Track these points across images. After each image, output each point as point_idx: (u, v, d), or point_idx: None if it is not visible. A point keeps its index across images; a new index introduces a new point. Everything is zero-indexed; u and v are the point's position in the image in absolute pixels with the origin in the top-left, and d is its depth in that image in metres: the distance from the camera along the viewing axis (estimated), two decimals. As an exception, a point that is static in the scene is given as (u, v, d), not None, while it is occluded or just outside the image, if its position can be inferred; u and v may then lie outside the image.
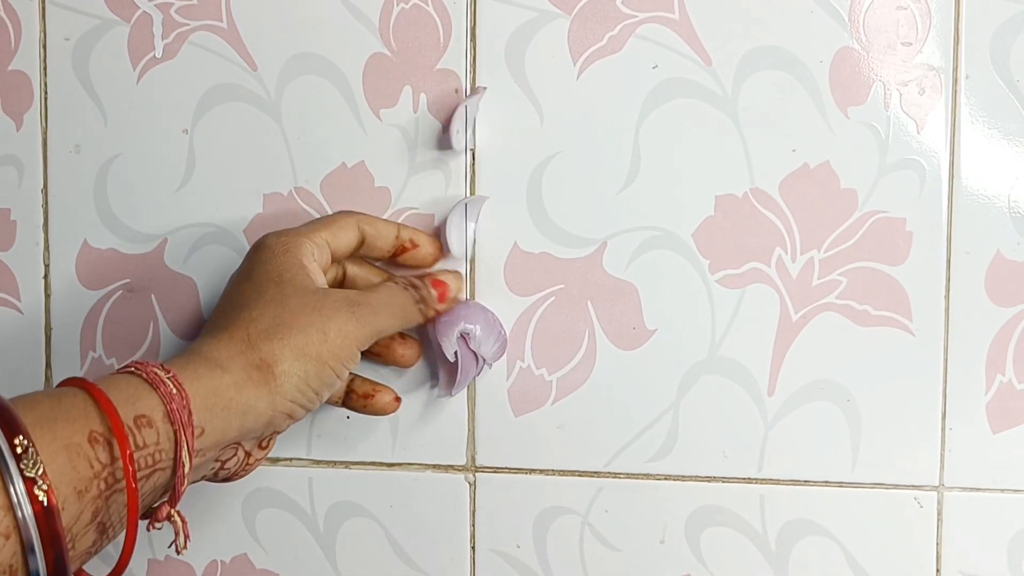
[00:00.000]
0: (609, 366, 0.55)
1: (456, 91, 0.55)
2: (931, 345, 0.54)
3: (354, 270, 0.53)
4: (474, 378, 0.55)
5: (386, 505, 0.57)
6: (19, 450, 0.36)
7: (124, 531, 0.40)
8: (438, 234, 0.55)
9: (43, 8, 0.57)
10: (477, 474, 0.57)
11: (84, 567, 0.41)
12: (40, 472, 0.36)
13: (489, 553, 0.57)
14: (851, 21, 0.53)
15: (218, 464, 0.46)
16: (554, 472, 0.56)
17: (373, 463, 0.57)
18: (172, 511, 0.42)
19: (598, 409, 0.55)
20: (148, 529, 0.43)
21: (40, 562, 0.36)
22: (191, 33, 0.56)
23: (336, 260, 0.51)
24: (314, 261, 0.49)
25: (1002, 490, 0.54)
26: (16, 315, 0.58)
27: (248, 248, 0.50)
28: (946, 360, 0.54)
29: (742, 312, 0.54)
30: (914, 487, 0.54)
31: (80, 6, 0.57)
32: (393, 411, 0.54)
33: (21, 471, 0.36)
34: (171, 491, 0.42)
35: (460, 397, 0.56)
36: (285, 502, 0.58)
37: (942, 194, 0.53)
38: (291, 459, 0.57)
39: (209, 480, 0.47)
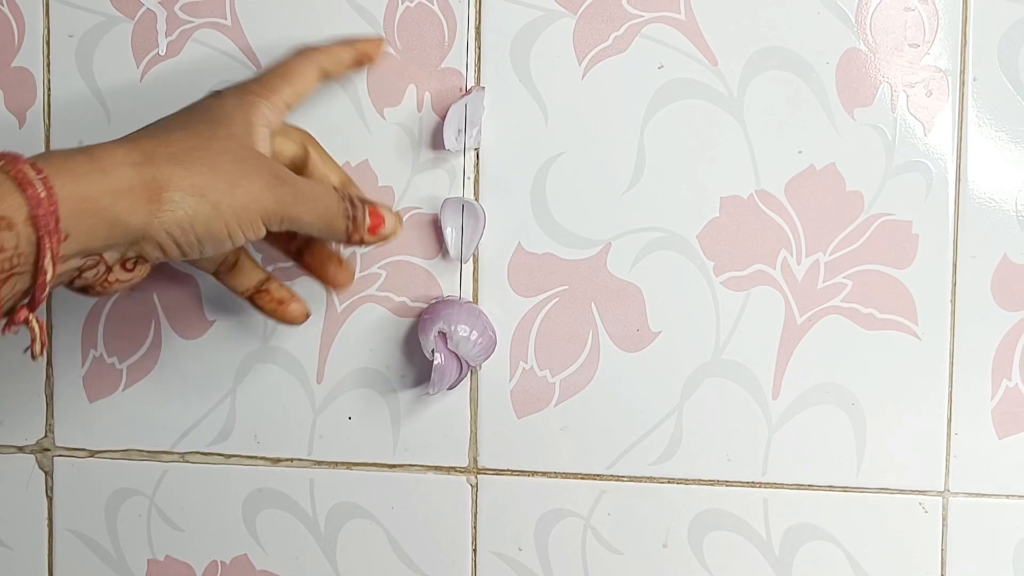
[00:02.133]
0: (613, 368, 0.55)
1: (460, 90, 0.55)
2: (937, 349, 0.53)
3: (316, 158, 0.51)
4: (459, 380, 0.54)
5: (387, 506, 0.57)
6: None
7: None
8: (441, 233, 0.55)
9: (47, 4, 0.57)
10: (479, 476, 0.56)
11: None
12: None
13: (491, 555, 0.57)
14: (858, 22, 0.53)
15: (76, 272, 0.43)
16: (557, 475, 0.56)
17: (375, 464, 0.57)
18: (30, 315, 0.41)
19: (601, 411, 0.55)
20: (3, 332, 0.41)
21: None
22: (195, 30, 0.56)
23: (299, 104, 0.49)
24: (264, 125, 0.46)
25: (1007, 496, 0.53)
26: None
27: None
28: (952, 364, 0.53)
29: (747, 315, 0.54)
30: (919, 492, 0.54)
31: (84, 3, 0.57)
32: (300, 323, 0.53)
33: None
34: (31, 296, 0.40)
35: (462, 398, 0.56)
36: (286, 503, 0.57)
37: (949, 197, 0.53)
38: (292, 460, 0.57)
39: (65, 287, 0.44)
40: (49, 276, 0.39)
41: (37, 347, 0.42)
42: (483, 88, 0.54)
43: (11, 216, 0.38)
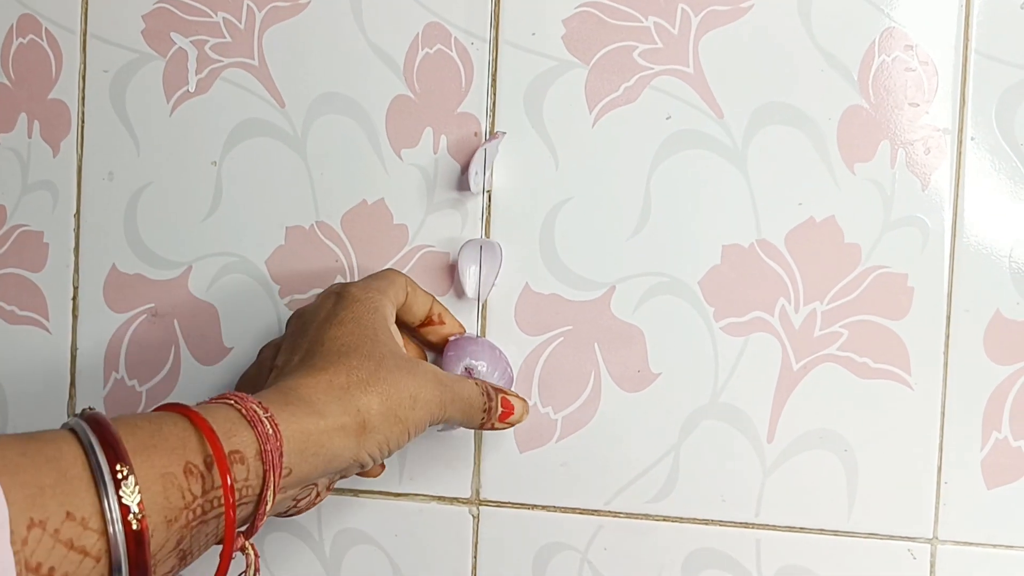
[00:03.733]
0: (613, 407, 0.56)
1: (476, 134, 0.57)
2: (929, 399, 0.54)
3: (412, 296, 0.54)
4: None
5: (391, 534, 0.58)
6: (119, 476, 0.36)
7: (199, 556, 0.41)
8: (452, 272, 0.57)
9: (84, 41, 0.60)
10: (481, 507, 0.58)
11: None
12: (138, 501, 0.36)
13: None
14: (860, 80, 0.54)
15: (294, 502, 0.47)
16: (556, 509, 0.57)
17: (381, 492, 0.58)
18: (247, 543, 0.43)
19: (601, 449, 0.56)
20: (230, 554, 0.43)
21: None
22: (224, 69, 0.58)
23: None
24: (394, 323, 0.50)
25: (994, 546, 0.54)
26: (44, 334, 0.60)
27: (269, 279, 0.52)
28: (943, 415, 0.54)
29: (744, 360, 0.55)
30: (908, 539, 0.55)
31: (119, 40, 0.59)
32: (378, 475, 0.56)
33: (119, 497, 0.36)
34: (249, 524, 0.42)
35: (467, 431, 0.57)
36: (294, 527, 0.59)
37: (944, 252, 0.54)
38: (301, 484, 0.58)
39: (278, 516, 0.48)
40: (270, 506, 0.41)
41: (251, 573, 0.44)
42: (505, 133, 0.56)
43: (244, 451, 0.40)
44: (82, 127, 0.60)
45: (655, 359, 0.56)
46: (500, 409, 0.53)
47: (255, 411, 0.42)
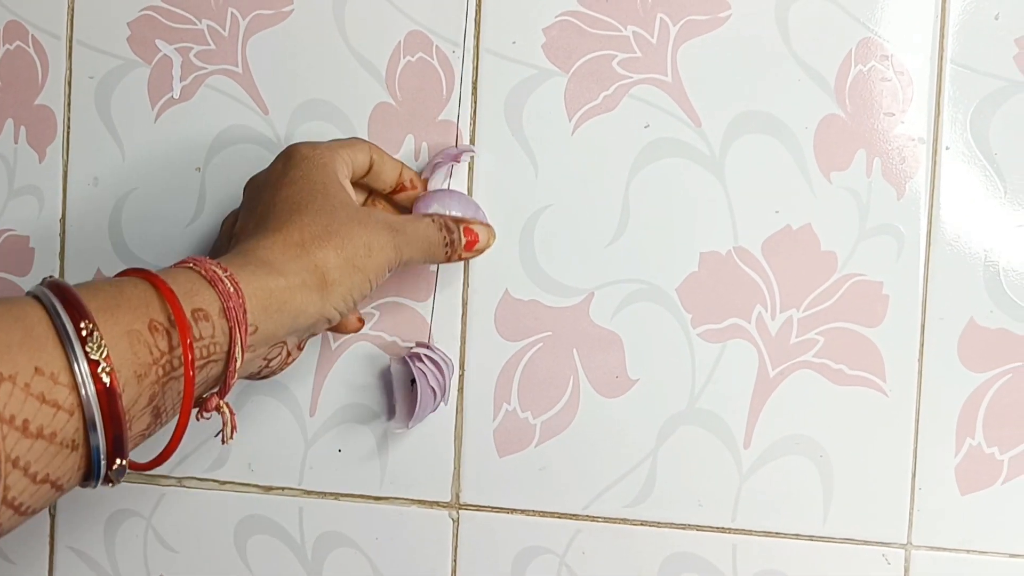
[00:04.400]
0: (591, 412, 0.57)
1: (456, 142, 0.57)
2: (903, 406, 0.55)
3: (378, 160, 0.54)
4: (430, 412, 0.56)
5: (372, 537, 0.59)
6: (84, 333, 0.37)
7: (176, 416, 0.42)
8: (432, 278, 0.57)
9: (70, 47, 0.60)
10: (461, 511, 0.58)
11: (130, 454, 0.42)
12: (104, 355, 0.37)
13: None
14: (836, 90, 0.55)
15: (264, 362, 0.48)
16: (534, 512, 0.58)
17: (362, 496, 0.59)
18: (221, 402, 0.44)
19: (579, 454, 0.57)
20: (198, 419, 0.44)
21: (100, 439, 0.37)
22: (208, 76, 0.59)
23: (352, 181, 0.53)
24: (345, 177, 0.51)
25: (968, 551, 0.55)
26: None
27: None
28: (918, 421, 0.55)
29: (721, 366, 0.56)
30: (882, 544, 0.55)
31: (105, 47, 0.60)
32: (358, 330, 0.56)
33: (86, 353, 0.36)
34: (221, 383, 0.43)
35: (447, 436, 0.58)
36: (276, 530, 0.59)
37: (919, 260, 0.55)
38: (283, 488, 0.59)
39: (252, 378, 0.49)
40: (239, 363, 0.42)
41: (228, 431, 0.45)
42: (474, 149, 0.57)
43: (207, 308, 0.41)
44: (68, 133, 0.60)
45: (633, 365, 0.56)
46: (464, 239, 0.53)
47: (215, 271, 0.42)
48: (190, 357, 0.40)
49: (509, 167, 0.57)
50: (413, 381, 0.55)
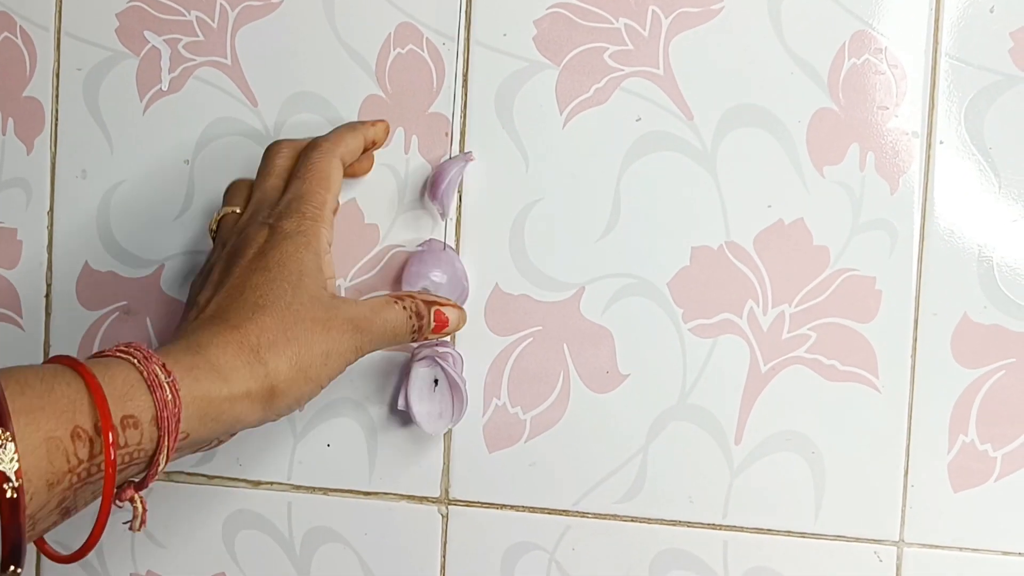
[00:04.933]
0: (582, 408, 0.57)
1: (446, 135, 0.57)
2: (896, 402, 0.55)
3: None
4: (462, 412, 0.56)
5: (361, 532, 0.59)
6: None
7: (83, 509, 0.41)
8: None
9: (58, 39, 0.60)
10: (450, 507, 0.58)
11: (48, 543, 0.42)
12: (16, 470, 0.36)
13: None
14: (830, 83, 0.54)
15: (190, 451, 0.46)
16: (524, 508, 0.58)
17: (350, 491, 0.59)
18: (136, 495, 0.43)
19: (569, 449, 0.57)
20: (112, 504, 0.42)
21: None
22: (196, 68, 0.59)
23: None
24: (328, 251, 0.49)
25: (960, 548, 0.55)
26: (17, 331, 0.61)
27: None
28: (910, 418, 0.55)
29: (713, 361, 0.56)
30: (875, 541, 0.55)
31: (93, 38, 0.60)
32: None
33: None
34: (142, 479, 0.42)
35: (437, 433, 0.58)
36: (264, 524, 0.59)
37: (912, 255, 0.54)
38: (272, 483, 0.59)
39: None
40: (162, 467, 0.41)
41: (137, 524, 0.43)
42: (470, 153, 0.57)
43: (139, 416, 0.40)
44: (56, 125, 0.60)
45: (624, 360, 0.56)
46: (433, 323, 0.52)
47: (156, 375, 0.41)
48: (111, 473, 0.39)
49: (499, 160, 0.57)
50: (436, 381, 0.55)
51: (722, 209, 0.55)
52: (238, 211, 0.52)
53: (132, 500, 0.42)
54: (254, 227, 0.49)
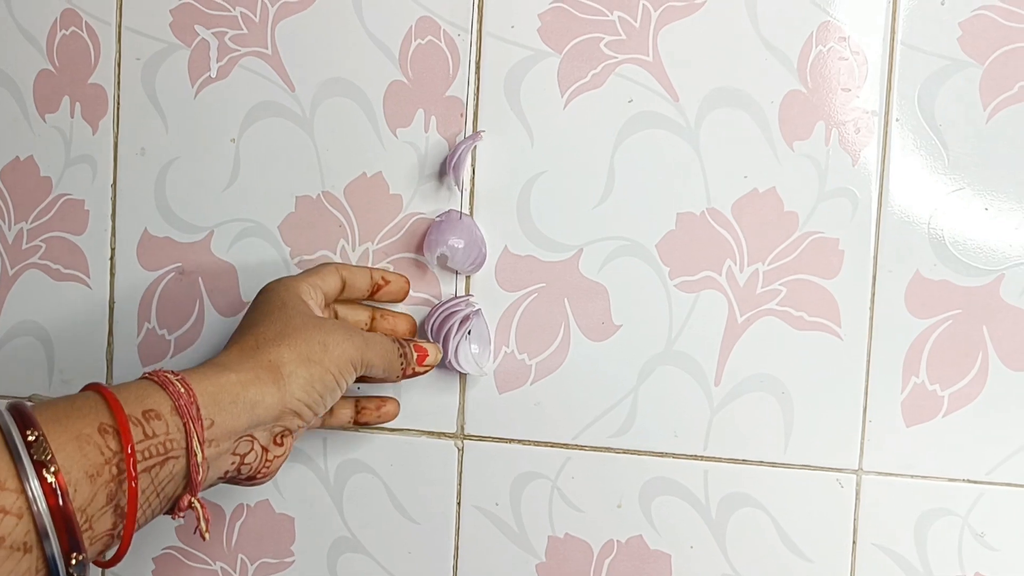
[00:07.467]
0: (580, 354, 0.61)
1: (461, 115, 0.62)
2: (856, 348, 0.59)
3: (344, 311, 0.58)
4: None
5: (387, 464, 0.63)
6: (30, 439, 0.37)
7: (156, 516, 0.42)
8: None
9: (119, 32, 0.64)
10: (465, 441, 0.62)
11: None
12: (48, 457, 0.37)
13: (472, 509, 0.63)
14: (799, 68, 0.59)
15: (238, 458, 0.46)
16: (530, 442, 0.62)
17: (378, 428, 0.63)
18: (192, 499, 0.43)
19: (569, 390, 0.61)
20: (173, 518, 0.44)
21: (52, 538, 0.36)
22: (241, 58, 0.63)
23: (326, 303, 0.56)
24: (311, 298, 0.53)
25: (912, 476, 0.59)
26: (86, 290, 0.66)
27: (281, 242, 0.58)
28: (868, 362, 0.59)
29: (695, 313, 0.60)
30: (837, 470, 0.59)
31: (150, 31, 0.64)
32: (396, 416, 0.60)
33: (31, 456, 0.36)
34: (188, 480, 0.43)
35: (453, 375, 0.62)
36: (303, 458, 0.64)
37: (871, 219, 0.59)
38: (309, 421, 0.64)
39: (236, 481, 0.48)
40: (199, 457, 0.42)
41: (203, 525, 0.44)
42: (483, 131, 0.61)
43: (158, 408, 0.42)
44: (118, 108, 0.65)
45: (617, 312, 0.61)
46: (415, 354, 0.56)
47: (166, 376, 0.43)
48: (131, 457, 0.39)
49: (508, 138, 0.61)
50: (469, 332, 0.60)
51: (704, 179, 0.60)
52: None
53: (191, 506, 0.43)
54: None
